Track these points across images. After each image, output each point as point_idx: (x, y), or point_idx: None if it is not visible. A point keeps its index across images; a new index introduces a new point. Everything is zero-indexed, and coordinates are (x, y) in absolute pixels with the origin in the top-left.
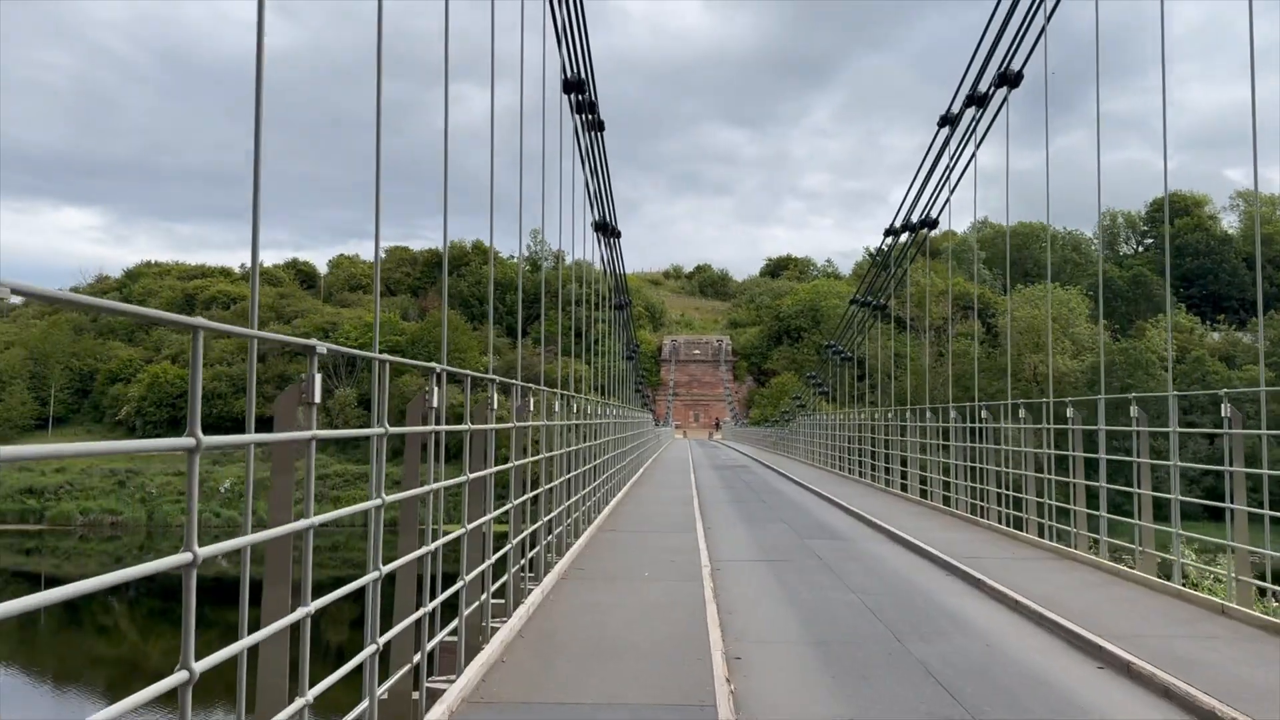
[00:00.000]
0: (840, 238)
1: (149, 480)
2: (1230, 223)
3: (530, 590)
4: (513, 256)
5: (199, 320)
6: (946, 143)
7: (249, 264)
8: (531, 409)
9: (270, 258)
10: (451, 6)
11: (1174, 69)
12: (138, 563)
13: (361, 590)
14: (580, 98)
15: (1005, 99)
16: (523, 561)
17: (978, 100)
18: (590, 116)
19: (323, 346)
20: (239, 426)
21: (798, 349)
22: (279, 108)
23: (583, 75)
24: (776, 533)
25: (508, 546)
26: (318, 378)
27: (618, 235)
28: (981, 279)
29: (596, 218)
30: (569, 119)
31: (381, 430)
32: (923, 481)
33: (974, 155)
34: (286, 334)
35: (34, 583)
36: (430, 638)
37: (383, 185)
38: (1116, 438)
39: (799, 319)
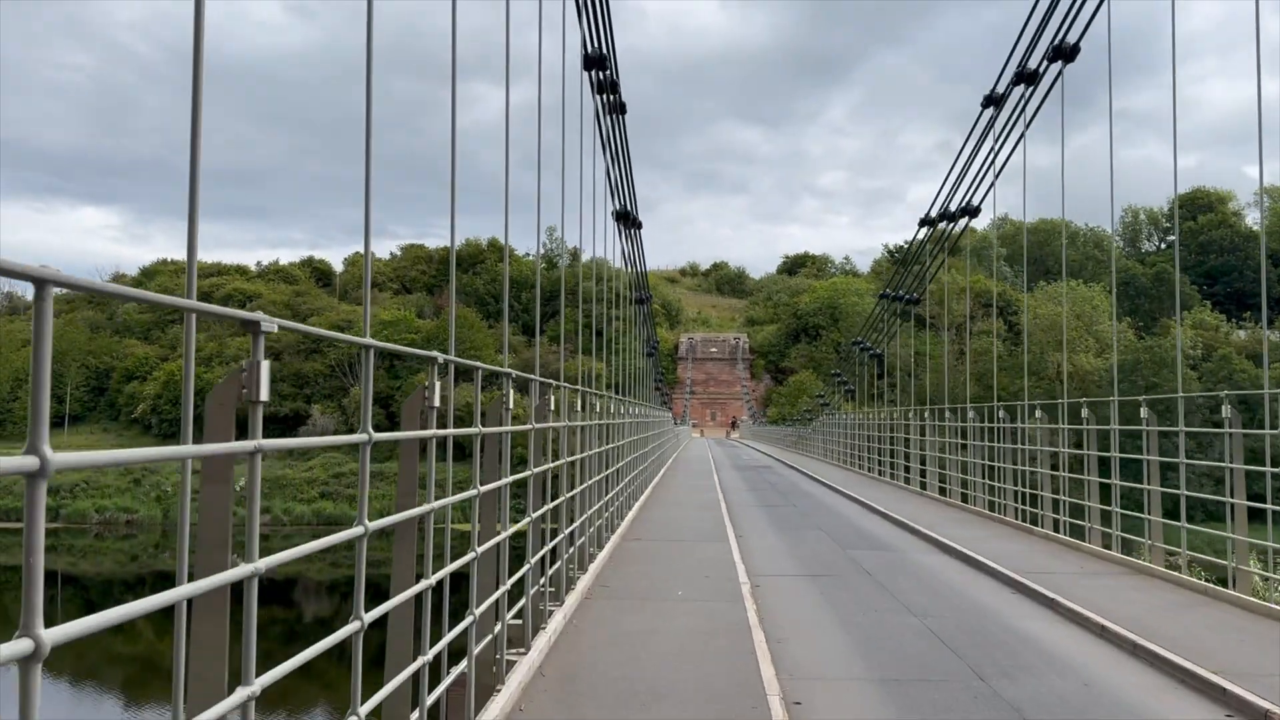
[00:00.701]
0: (857, 236)
1: (164, 479)
2: (1255, 219)
3: (551, 613)
4: (529, 254)
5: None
6: (991, 125)
7: (265, 262)
8: (552, 408)
9: (287, 257)
10: (467, 5)
11: (1194, 65)
12: (153, 560)
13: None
14: (601, 76)
15: (1060, 74)
16: (542, 580)
17: (1027, 78)
18: (611, 98)
19: (270, 322)
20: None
21: (816, 347)
22: (295, 108)
23: (604, 50)
24: (814, 541)
25: (525, 567)
26: (264, 366)
27: (639, 226)
28: (1002, 276)
29: (617, 207)
30: (589, 102)
31: (364, 437)
32: (964, 485)
33: (1023, 135)
34: (302, 333)
35: (49, 581)
36: (432, 686)
37: (399, 185)
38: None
39: (817, 317)
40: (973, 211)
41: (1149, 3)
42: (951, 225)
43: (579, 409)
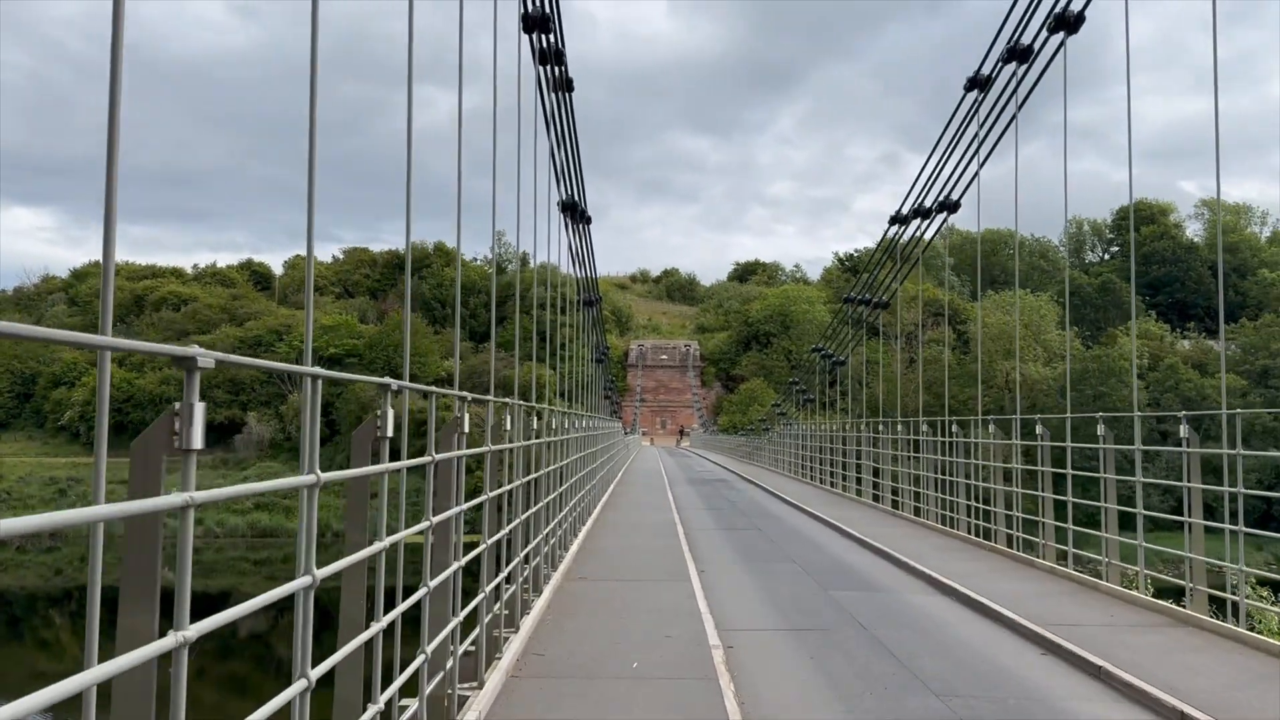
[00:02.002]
0: (805, 245)
1: (92, 489)
2: (1195, 231)
3: (466, 700)
4: (476, 259)
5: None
6: (975, 110)
7: (201, 265)
8: (508, 427)
9: (228, 260)
10: (414, 8)
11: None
12: (78, 574)
13: None
14: (545, 42)
15: (1061, 45)
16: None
17: (1020, 55)
18: (557, 71)
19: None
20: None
21: (767, 354)
22: (238, 109)
23: (546, 10)
24: (789, 578)
25: (432, 643)
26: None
27: (588, 221)
28: (950, 285)
29: (563, 197)
30: (529, 67)
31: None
32: (944, 506)
33: (1014, 118)
34: (239, 337)
35: None
36: None
37: (345, 189)
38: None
39: (768, 324)
40: (951, 206)
41: (1088, 19)
42: (927, 222)
43: (510, 426)
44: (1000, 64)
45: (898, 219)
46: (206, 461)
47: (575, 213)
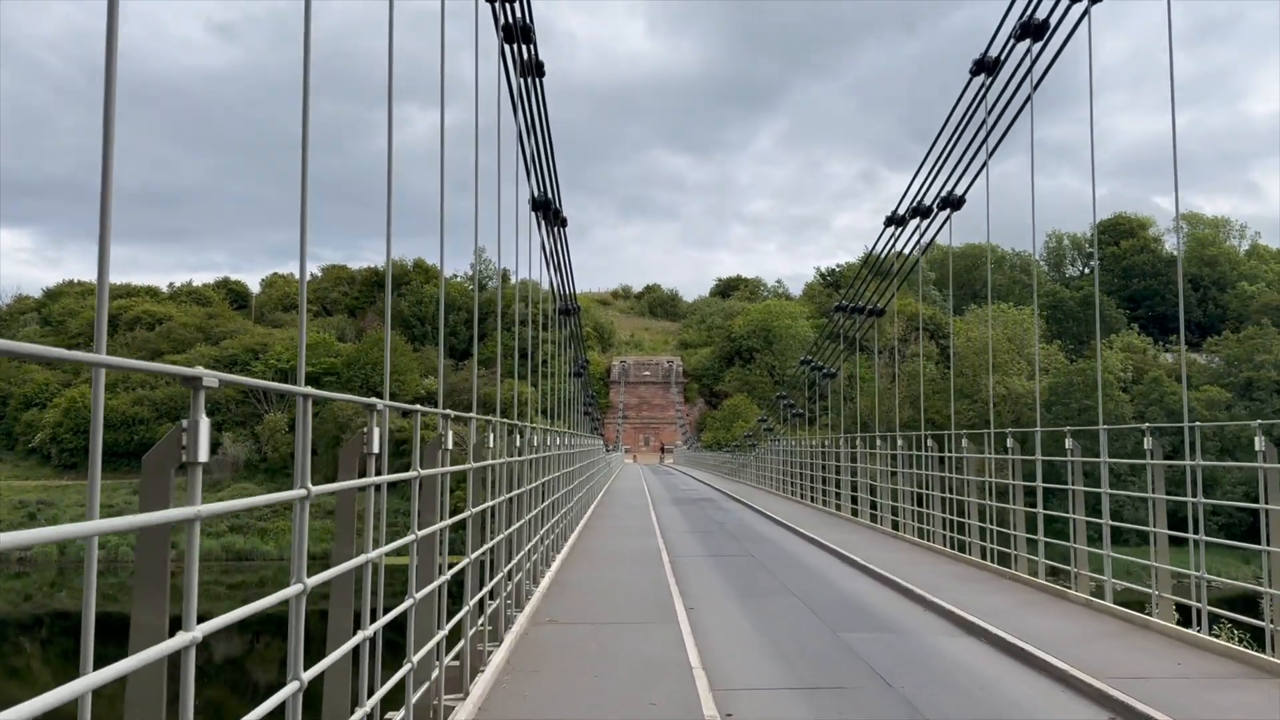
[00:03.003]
0: (785, 262)
1: (62, 512)
2: (1173, 245)
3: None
4: (455, 276)
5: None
6: (982, 95)
7: (177, 284)
8: (490, 445)
9: (204, 279)
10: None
11: (1102, 99)
12: (49, 600)
13: None
14: (509, 14)
15: (1086, 12)
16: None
17: (1035, 31)
18: (527, 51)
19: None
20: None
21: (750, 370)
22: (216, 128)
23: None
24: (791, 617)
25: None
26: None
27: (563, 223)
28: (931, 300)
29: (536, 193)
30: (492, 37)
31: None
32: (952, 528)
33: (1029, 99)
34: (214, 357)
35: None
36: None
37: (324, 207)
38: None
39: (751, 340)
40: (955, 203)
41: (1060, 38)
42: (928, 221)
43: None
44: (1012, 42)
45: (894, 220)
46: (180, 483)
47: (548, 211)
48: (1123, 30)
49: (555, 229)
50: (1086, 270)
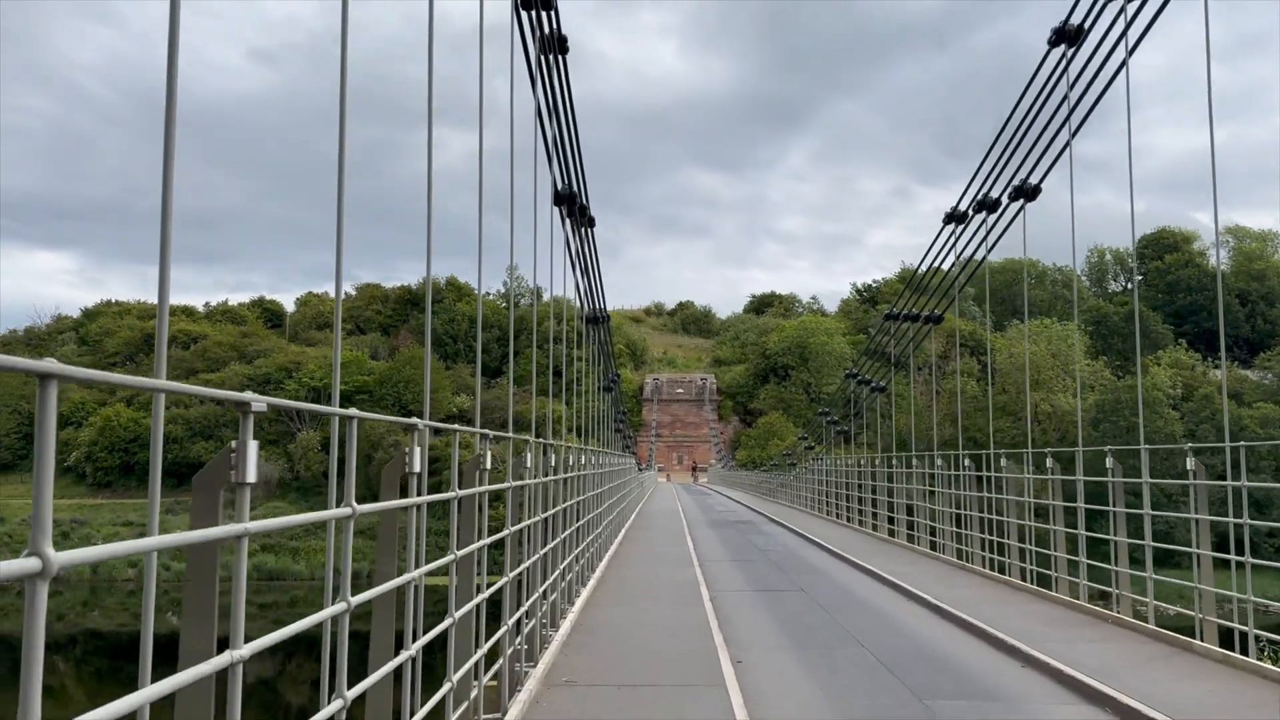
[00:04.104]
0: (818, 280)
1: (95, 531)
2: (1220, 258)
3: None
4: (488, 293)
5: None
6: (1064, 66)
7: (213, 303)
8: (528, 465)
9: (240, 299)
10: (424, 53)
11: (1141, 114)
12: (82, 619)
13: None
14: None
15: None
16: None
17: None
18: (546, 21)
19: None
20: (195, 472)
21: (785, 387)
22: (256, 152)
23: None
24: (863, 678)
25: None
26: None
27: (590, 222)
28: (970, 315)
29: (559, 186)
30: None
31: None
32: (1032, 559)
33: (1123, 64)
34: (247, 375)
35: None
36: None
37: (360, 228)
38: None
39: (786, 356)
40: (1029, 193)
41: (1100, 53)
42: (996, 216)
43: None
44: (1099, 7)
45: (954, 216)
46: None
47: (573, 206)
48: (1160, 45)
49: (582, 229)
50: (1129, 285)
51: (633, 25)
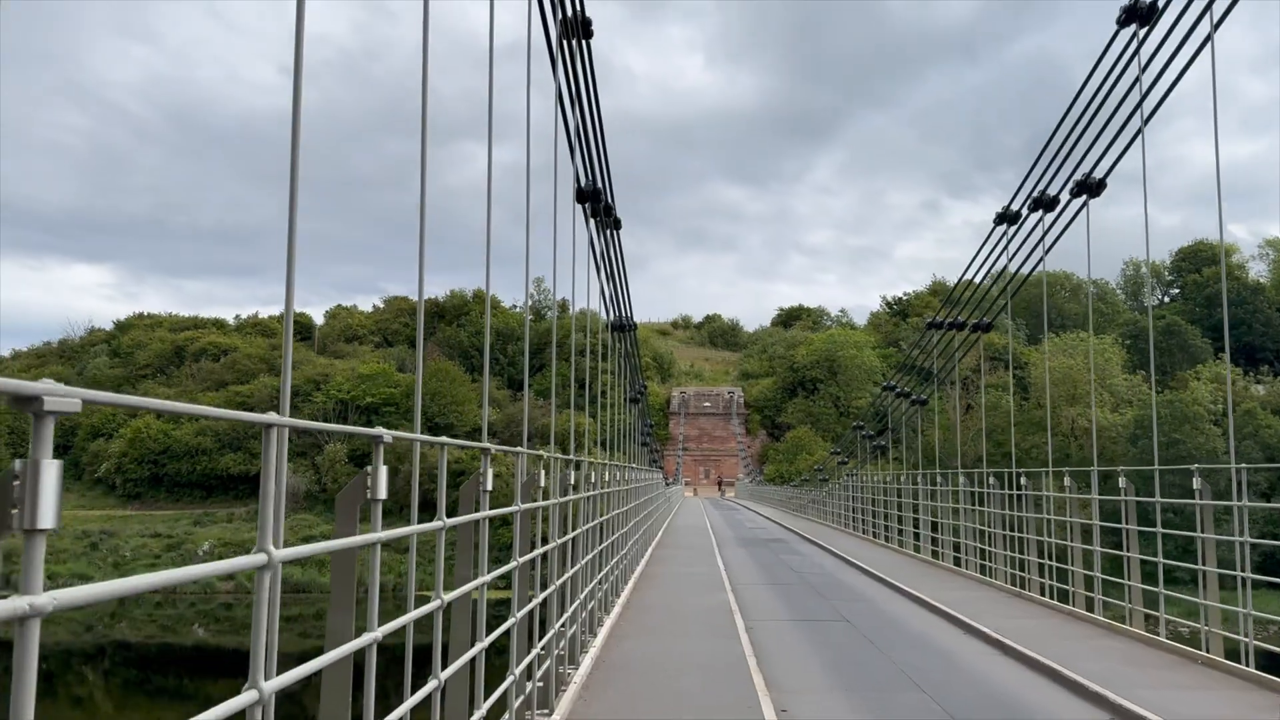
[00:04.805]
0: (845, 293)
1: (123, 542)
2: (1259, 272)
3: None
4: (515, 306)
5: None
6: (1135, 47)
7: (243, 315)
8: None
9: (270, 312)
10: (459, 67)
11: (1174, 125)
12: (110, 630)
13: None
14: None
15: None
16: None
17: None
18: (571, 3)
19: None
20: (224, 484)
21: (814, 401)
22: (288, 167)
23: None
24: None
25: (550, 633)
26: (383, 471)
27: (617, 224)
28: (1004, 329)
29: (581, 183)
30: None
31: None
32: (1141, 599)
33: (1209, 38)
34: (276, 387)
35: None
36: None
37: (391, 242)
38: None
39: (814, 370)
40: (1093, 188)
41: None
42: (1054, 214)
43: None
44: None
45: (1006, 217)
46: (241, 514)
47: (597, 203)
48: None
49: (607, 231)
50: (1166, 299)
51: (660, 41)
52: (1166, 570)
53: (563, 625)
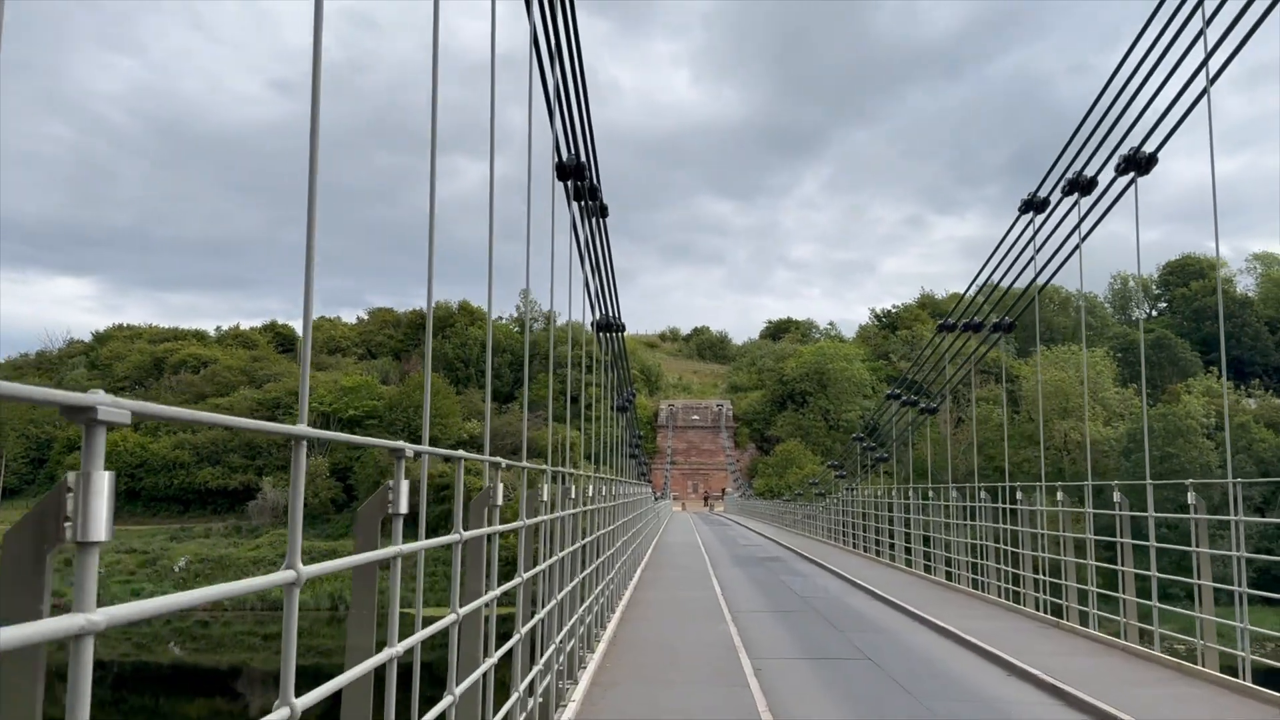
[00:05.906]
0: (831, 307)
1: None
2: (1246, 286)
3: None
4: (500, 317)
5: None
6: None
7: (225, 327)
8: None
9: (253, 324)
10: (444, 80)
11: (1154, 141)
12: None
13: None
14: None
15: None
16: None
17: None
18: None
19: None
20: (201, 498)
21: (803, 414)
22: (273, 179)
23: None
24: None
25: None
26: (404, 485)
27: (603, 211)
28: (993, 343)
29: (562, 156)
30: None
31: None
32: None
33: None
34: (256, 400)
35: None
36: None
37: (378, 255)
38: None
39: (804, 383)
40: (1143, 165)
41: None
42: (1093, 199)
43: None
44: None
45: (1033, 204)
46: (219, 529)
47: (580, 181)
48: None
49: (593, 218)
50: (1154, 313)
51: (646, 55)
52: (1161, 585)
53: (530, 683)
